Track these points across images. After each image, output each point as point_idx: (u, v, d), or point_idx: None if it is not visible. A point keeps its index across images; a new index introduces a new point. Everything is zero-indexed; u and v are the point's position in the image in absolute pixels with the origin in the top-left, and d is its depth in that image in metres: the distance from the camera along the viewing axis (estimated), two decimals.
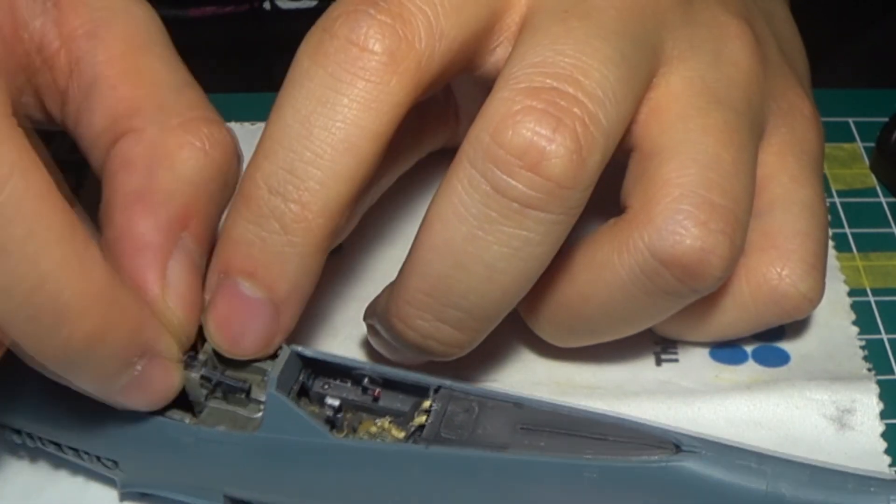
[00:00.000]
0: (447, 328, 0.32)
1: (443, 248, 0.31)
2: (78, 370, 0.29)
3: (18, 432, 0.35)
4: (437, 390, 0.32)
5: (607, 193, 0.34)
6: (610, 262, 0.33)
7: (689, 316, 0.36)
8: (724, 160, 0.32)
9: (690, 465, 0.29)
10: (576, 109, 0.29)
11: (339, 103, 0.30)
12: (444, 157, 0.39)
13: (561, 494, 0.30)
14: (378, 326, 0.34)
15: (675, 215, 0.32)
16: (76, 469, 0.36)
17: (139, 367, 0.30)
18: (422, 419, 0.32)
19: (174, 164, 0.32)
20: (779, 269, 0.35)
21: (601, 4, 0.32)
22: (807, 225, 0.36)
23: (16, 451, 0.37)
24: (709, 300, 0.36)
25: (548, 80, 0.30)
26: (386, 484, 0.31)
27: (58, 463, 0.36)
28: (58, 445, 0.34)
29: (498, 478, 0.30)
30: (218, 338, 0.32)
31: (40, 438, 0.34)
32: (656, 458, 0.29)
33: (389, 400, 0.33)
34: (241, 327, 0.32)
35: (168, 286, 0.31)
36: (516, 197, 0.30)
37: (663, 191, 0.32)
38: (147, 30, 0.34)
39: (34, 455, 0.37)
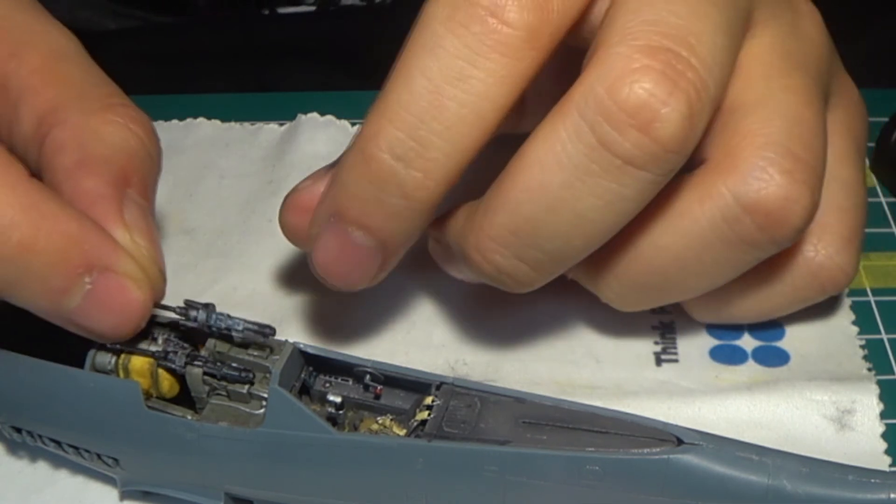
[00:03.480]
0: (524, 267, 0.32)
1: (537, 192, 0.31)
2: (20, 285, 0.31)
3: (19, 430, 0.35)
4: (438, 387, 0.32)
5: None
6: (690, 210, 0.33)
7: (726, 292, 0.36)
8: (806, 118, 0.33)
9: (692, 458, 0.29)
10: (689, 74, 0.30)
11: (474, 76, 0.30)
12: None
13: (563, 488, 0.30)
14: (448, 247, 0.35)
15: (760, 162, 0.32)
16: (76, 469, 0.36)
17: (89, 282, 0.31)
18: (424, 414, 0.32)
19: (103, 137, 0.34)
20: (815, 242, 0.36)
21: None
22: (845, 201, 0.36)
23: (16, 450, 0.37)
24: (749, 276, 0.36)
25: (664, 41, 0.30)
26: (389, 479, 0.31)
27: (58, 463, 0.36)
28: (58, 443, 0.34)
29: (501, 471, 0.30)
30: (321, 270, 0.34)
31: (40, 436, 0.34)
32: (658, 450, 0.30)
33: (391, 398, 0.33)
34: (347, 265, 0.33)
35: (129, 226, 0.33)
36: (621, 153, 0.30)
37: (748, 140, 0.32)
38: (65, 45, 0.36)
39: (34, 455, 0.37)
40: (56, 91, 0.34)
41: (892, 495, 0.29)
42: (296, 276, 0.42)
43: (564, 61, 0.32)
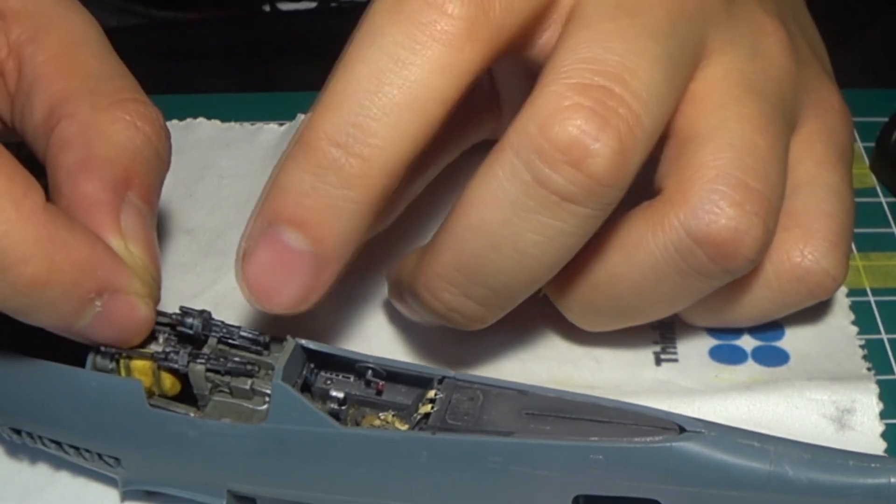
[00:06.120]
0: (472, 303, 0.33)
1: (479, 229, 0.31)
2: (33, 312, 0.31)
3: (18, 432, 0.35)
4: (440, 381, 0.32)
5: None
6: (644, 242, 0.33)
7: (715, 298, 0.36)
8: (759, 146, 0.33)
9: (694, 445, 0.30)
10: (622, 110, 0.30)
11: (413, 63, 0.30)
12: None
13: (568, 477, 0.30)
14: (404, 292, 0.35)
15: (710, 195, 0.32)
16: (77, 470, 0.36)
17: (99, 305, 0.31)
18: (427, 408, 0.32)
19: (108, 135, 0.33)
20: (801, 247, 0.36)
21: (651, 1, 0.32)
22: (830, 206, 0.36)
23: (15, 452, 0.37)
24: (734, 281, 0.36)
25: (597, 78, 0.30)
26: (393, 472, 0.32)
27: (58, 464, 0.36)
28: (58, 444, 0.34)
29: (505, 463, 0.30)
30: (252, 288, 0.32)
31: (41, 437, 0.34)
32: (661, 439, 0.30)
33: (392, 393, 0.33)
34: (279, 279, 0.32)
35: (125, 234, 0.32)
36: (556, 190, 0.30)
37: (699, 172, 0.32)
38: (84, 31, 0.36)
39: (34, 457, 0.36)
40: (68, 82, 0.34)
41: (893, 479, 0.29)
42: None
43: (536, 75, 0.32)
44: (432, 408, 0.32)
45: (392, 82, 0.30)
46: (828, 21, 0.43)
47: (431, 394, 0.32)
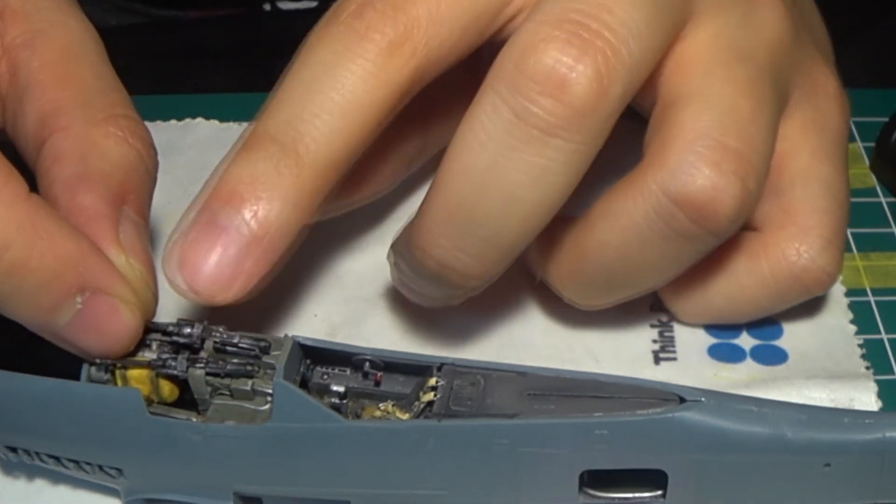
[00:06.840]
0: (465, 256, 0.33)
1: (464, 174, 0.31)
2: (11, 301, 0.31)
3: (14, 450, 0.34)
4: (440, 368, 0.32)
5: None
6: (626, 208, 0.33)
7: (712, 295, 0.37)
8: (741, 108, 0.33)
9: (695, 414, 0.30)
10: (598, 42, 0.30)
11: (339, 74, 0.32)
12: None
13: (574, 454, 0.31)
14: (399, 261, 0.35)
15: (687, 157, 0.32)
16: (76, 482, 0.36)
17: (80, 302, 0.31)
18: (430, 396, 0.32)
19: (103, 151, 0.34)
20: (797, 245, 0.36)
21: None
22: (825, 202, 0.36)
23: (11, 470, 0.36)
24: (731, 279, 0.36)
25: (572, 14, 0.30)
26: (400, 462, 0.32)
27: (57, 478, 0.36)
28: (57, 459, 0.34)
29: (512, 444, 0.31)
30: (176, 267, 0.32)
31: (38, 454, 0.34)
32: (662, 410, 0.30)
33: (390, 384, 0.33)
34: (205, 255, 0.31)
35: (125, 247, 0.33)
36: (537, 123, 0.30)
37: (678, 135, 0.32)
38: (81, 40, 0.36)
39: (31, 473, 0.36)
40: (62, 92, 0.34)
41: (887, 434, 0.30)
42: (293, 274, 0.42)
43: None
44: (435, 395, 0.32)
45: (320, 89, 0.32)
46: (829, 19, 0.43)
47: (433, 381, 0.32)
